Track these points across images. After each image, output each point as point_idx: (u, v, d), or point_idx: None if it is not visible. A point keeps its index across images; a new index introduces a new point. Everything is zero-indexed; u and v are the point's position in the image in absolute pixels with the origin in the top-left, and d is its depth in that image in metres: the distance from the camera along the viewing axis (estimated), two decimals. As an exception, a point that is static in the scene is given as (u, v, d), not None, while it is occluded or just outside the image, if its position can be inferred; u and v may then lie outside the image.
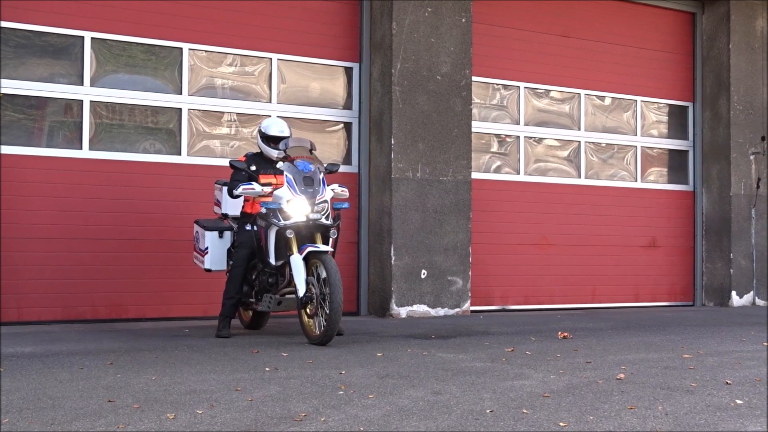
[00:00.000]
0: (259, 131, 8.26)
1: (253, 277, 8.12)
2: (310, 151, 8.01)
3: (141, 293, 9.41)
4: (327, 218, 7.71)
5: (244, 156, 8.26)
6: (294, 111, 10.31)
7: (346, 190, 8.06)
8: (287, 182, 7.69)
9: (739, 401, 5.06)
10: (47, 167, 9.04)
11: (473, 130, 11.04)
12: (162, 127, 9.73)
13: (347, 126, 10.69)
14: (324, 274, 7.30)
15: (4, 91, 8.83)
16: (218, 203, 8.63)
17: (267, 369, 6.13)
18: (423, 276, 10.33)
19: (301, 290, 7.43)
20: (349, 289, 10.09)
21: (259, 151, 8.30)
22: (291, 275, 7.63)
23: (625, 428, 4.40)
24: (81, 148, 9.21)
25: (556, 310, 11.55)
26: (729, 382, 5.72)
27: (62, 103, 9.20)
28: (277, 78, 10.26)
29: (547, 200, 11.81)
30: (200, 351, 7.03)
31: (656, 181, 12.88)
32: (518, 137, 11.72)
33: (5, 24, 8.87)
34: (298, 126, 10.15)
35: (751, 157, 12.74)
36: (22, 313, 8.89)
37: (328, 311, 7.23)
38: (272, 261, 7.78)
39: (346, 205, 7.99)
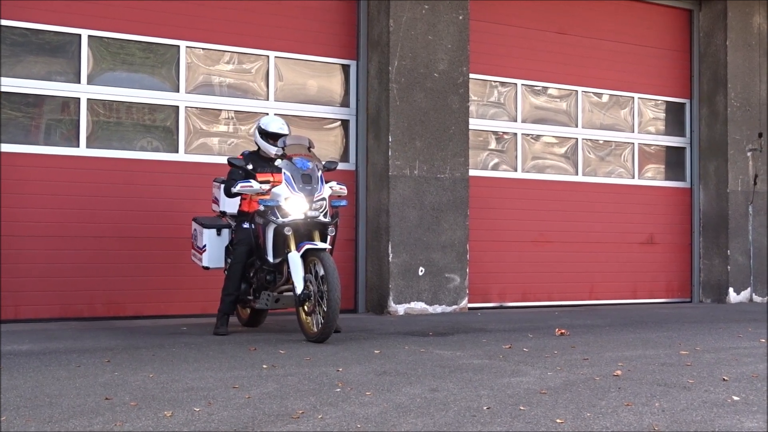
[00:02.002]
0: (258, 128, 8.26)
1: (251, 274, 8.12)
2: (309, 148, 8.01)
3: (139, 291, 9.41)
4: (325, 216, 7.71)
5: (241, 155, 8.26)
6: (291, 108, 10.31)
7: (344, 187, 8.06)
8: (285, 180, 7.68)
9: (736, 398, 5.07)
10: (44, 165, 9.03)
11: (471, 127, 11.03)
12: (159, 125, 9.73)
13: (344, 123, 10.69)
14: (322, 272, 7.29)
15: (2, 89, 8.82)
16: (216, 201, 8.62)
17: (264, 366, 6.13)
18: (420, 273, 10.33)
19: (299, 288, 7.43)
20: (346, 287, 10.10)
21: (255, 149, 8.31)
22: (289, 273, 7.63)
23: (622, 425, 4.40)
24: (78, 146, 9.21)
25: (554, 307, 11.55)
26: (726, 378, 5.73)
27: (59, 101, 9.20)
28: (274, 75, 10.25)
29: (545, 197, 11.81)
30: (198, 348, 7.03)
31: (653, 178, 12.89)
32: (515, 134, 11.73)
33: (2, 22, 8.86)
34: (295, 123, 10.14)
35: (749, 154, 12.75)
36: (19, 311, 8.89)
37: (325, 309, 7.22)
38: (270, 258, 7.79)
39: (344, 202, 7.99)
